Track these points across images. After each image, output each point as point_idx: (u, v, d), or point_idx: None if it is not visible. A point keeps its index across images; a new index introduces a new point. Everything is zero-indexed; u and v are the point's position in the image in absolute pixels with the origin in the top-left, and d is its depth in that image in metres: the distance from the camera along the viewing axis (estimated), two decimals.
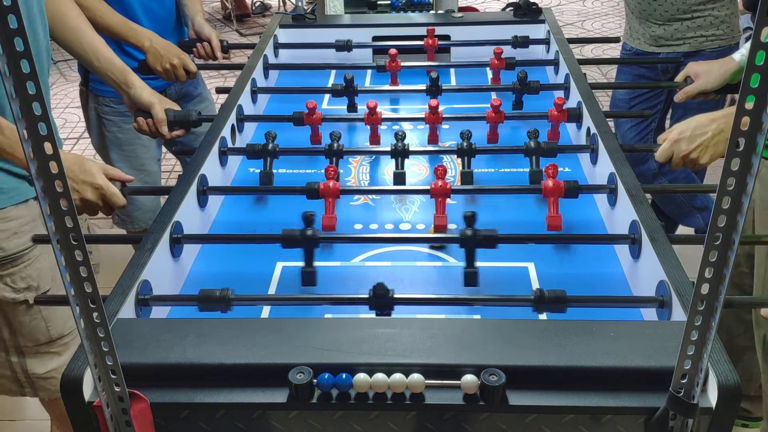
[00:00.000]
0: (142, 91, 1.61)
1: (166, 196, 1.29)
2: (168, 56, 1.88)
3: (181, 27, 2.13)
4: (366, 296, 1.04)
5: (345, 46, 2.02)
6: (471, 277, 1.14)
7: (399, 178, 1.43)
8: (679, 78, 1.83)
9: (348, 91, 1.73)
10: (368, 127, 1.60)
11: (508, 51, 1.93)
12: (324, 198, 1.30)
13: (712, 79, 1.73)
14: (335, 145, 1.44)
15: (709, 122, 1.42)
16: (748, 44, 1.92)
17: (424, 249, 1.28)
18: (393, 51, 1.87)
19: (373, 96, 1.77)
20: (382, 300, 1.02)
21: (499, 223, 1.35)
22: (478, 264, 1.23)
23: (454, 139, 1.65)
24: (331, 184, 1.30)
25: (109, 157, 2.10)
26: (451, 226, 1.34)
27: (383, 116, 1.62)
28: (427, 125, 1.60)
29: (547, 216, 1.28)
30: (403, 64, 1.88)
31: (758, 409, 1.89)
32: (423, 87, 1.74)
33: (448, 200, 1.43)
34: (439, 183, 1.29)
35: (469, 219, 1.14)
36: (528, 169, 1.44)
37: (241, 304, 1.07)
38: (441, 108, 1.68)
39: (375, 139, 1.60)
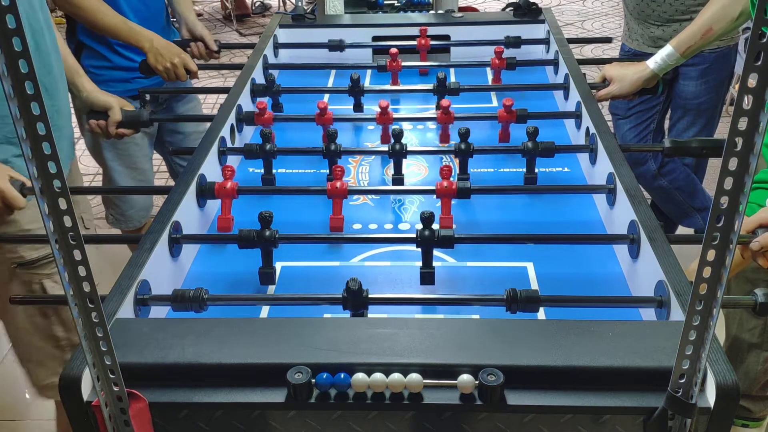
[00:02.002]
0: (96, 94, 1.63)
1: (158, 195, 1.29)
2: (169, 56, 1.88)
3: (170, 27, 2.13)
4: (339, 296, 1.03)
5: (338, 46, 2.02)
6: (427, 277, 1.15)
7: (398, 183, 1.44)
8: (598, 79, 1.85)
9: (354, 91, 1.73)
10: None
11: (508, 51, 1.94)
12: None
13: (626, 85, 1.77)
14: (332, 145, 1.44)
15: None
16: (662, 51, 1.92)
17: None
18: (394, 51, 1.87)
19: (378, 96, 1.77)
20: (356, 300, 1.02)
21: (498, 223, 1.35)
22: (479, 264, 1.24)
23: (456, 138, 1.65)
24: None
25: (102, 156, 2.10)
26: (434, 226, 1.34)
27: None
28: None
29: (440, 217, 1.29)
30: (403, 64, 1.88)
31: (760, 409, 1.89)
32: (430, 87, 1.74)
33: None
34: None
35: (426, 220, 1.14)
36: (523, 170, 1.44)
37: (214, 304, 1.07)
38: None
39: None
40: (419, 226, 1.15)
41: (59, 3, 1.83)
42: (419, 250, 1.15)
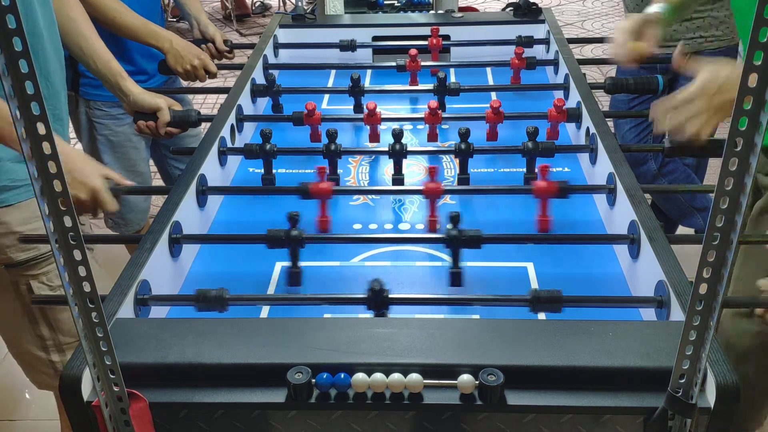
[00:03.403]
0: (143, 96, 1.62)
1: (158, 197, 1.29)
2: (189, 57, 1.89)
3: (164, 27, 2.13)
4: (363, 296, 1.03)
5: (349, 46, 2.01)
6: (456, 278, 1.15)
7: (398, 183, 1.44)
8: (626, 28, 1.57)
9: (354, 91, 1.73)
10: (368, 126, 1.61)
11: (509, 51, 1.93)
12: (317, 199, 1.30)
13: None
14: (332, 145, 1.44)
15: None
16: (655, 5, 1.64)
17: (423, 249, 1.29)
18: (413, 51, 1.87)
19: (379, 96, 1.77)
20: (378, 299, 1.02)
21: (498, 223, 1.35)
22: (478, 264, 1.23)
23: (455, 138, 1.65)
24: (322, 184, 1.30)
25: (100, 160, 2.08)
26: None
27: (386, 116, 1.62)
28: (427, 125, 1.60)
29: (537, 217, 1.28)
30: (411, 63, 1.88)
31: None
32: (431, 87, 1.74)
33: (447, 200, 1.44)
34: (431, 184, 1.29)
35: (454, 219, 1.14)
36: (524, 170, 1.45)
37: (237, 304, 1.07)
38: (447, 107, 1.68)
39: (375, 138, 1.60)
40: (420, 225, 1.15)
41: None
42: (420, 250, 1.15)
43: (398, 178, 1.45)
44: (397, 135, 1.43)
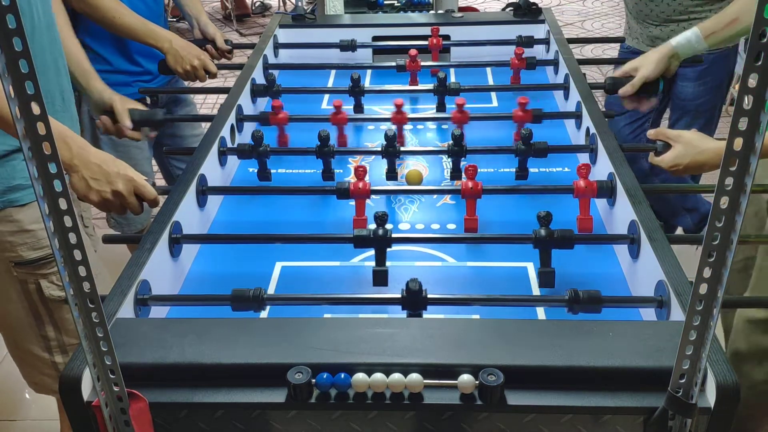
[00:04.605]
0: (103, 94, 1.65)
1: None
2: (188, 57, 1.89)
3: (167, 27, 2.13)
4: (399, 296, 1.03)
5: (349, 46, 2.01)
6: (547, 277, 1.14)
7: (391, 180, 1.45)
8: (619, 73, 1.77)
9: (354, 91, 1.73)
10: (335, 126, 1.60)
11: (509, 51, 1.93)
12: (354, 198, 1.30)
13: (650, 64, 1.71)
14: (325, 147, 1.43)
15: (701, 165, 1.43)
16: (687, 32, 1.85)
17: (423, 249, 1.29)
18: (413, 51, 1.87)
19: (379, 96, 1.77)
20: (415, 299, 1.01)
21: (498, 223, 1.35)
22: (479, 264, 1.23)
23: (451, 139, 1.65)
24: (361, 184, 1.29)
25: None
26: (434, 225, 1.35)
27: (377, 117, 1.62)
28: (395, 125, 1.59)
29: (577, 218, 1.28)
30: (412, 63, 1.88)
31: None
32: (431, 87, 1.74)
33: (446, 200, 1.44)
34: (470, 184, 1.28)
35: (543, 219, 1.13)
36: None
37: (275, 303, 1.06)
38: (447, 107, 1.69)
39: (342, 139, 1.61)
40: (420, 225, 1.15)
41: (74, 1, 1.82)
42: (420, 250, 1.15)
43: (392, 176, 1.46)
44: (390, 138, 1.42)
